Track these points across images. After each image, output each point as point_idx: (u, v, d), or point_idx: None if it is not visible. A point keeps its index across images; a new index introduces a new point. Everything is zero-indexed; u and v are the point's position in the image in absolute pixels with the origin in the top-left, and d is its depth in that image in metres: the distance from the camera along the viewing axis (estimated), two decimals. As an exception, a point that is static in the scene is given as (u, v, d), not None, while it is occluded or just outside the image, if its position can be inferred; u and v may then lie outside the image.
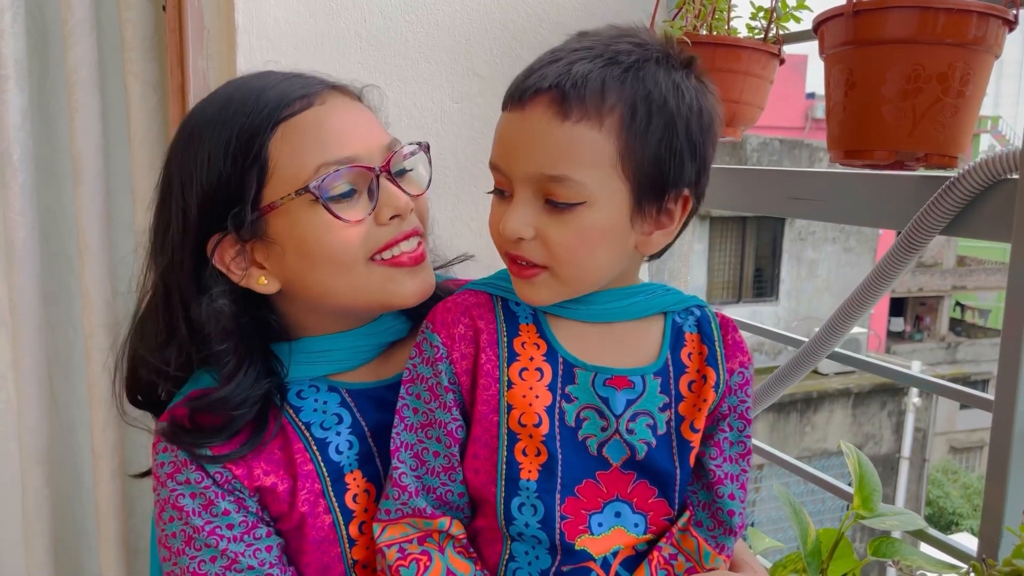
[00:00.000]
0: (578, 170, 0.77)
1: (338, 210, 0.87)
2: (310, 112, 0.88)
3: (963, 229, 1.02)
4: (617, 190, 0.79)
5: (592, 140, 0.77)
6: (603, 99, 0.77)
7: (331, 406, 0.94)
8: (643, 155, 0.78)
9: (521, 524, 0.84)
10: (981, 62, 0.97)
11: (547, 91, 0.78)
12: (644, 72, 0.78)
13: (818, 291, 11.08)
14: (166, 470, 0.89)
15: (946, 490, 12.42)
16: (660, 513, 0.86)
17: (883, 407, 10.22)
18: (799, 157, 9.78)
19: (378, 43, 1.38)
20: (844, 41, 1.03)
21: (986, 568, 0.84)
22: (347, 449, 0.93)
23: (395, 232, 0.91)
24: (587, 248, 0.80)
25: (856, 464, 1.11)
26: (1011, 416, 0.96)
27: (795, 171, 1.32)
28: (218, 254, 0.89)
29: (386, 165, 0.91)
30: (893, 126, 0.98)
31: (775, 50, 1.31)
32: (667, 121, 0.78)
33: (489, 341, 0.86)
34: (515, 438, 0.84)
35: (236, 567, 0.87)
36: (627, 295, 0.88)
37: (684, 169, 0.80)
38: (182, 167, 0.89)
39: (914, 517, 1.10)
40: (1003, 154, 0.95)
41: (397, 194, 0.90)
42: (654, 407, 0.85)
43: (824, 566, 1.10)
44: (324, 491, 0.91)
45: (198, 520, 0.87)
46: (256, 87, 0.90)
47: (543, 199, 0.79)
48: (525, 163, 0.79)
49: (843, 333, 1.23)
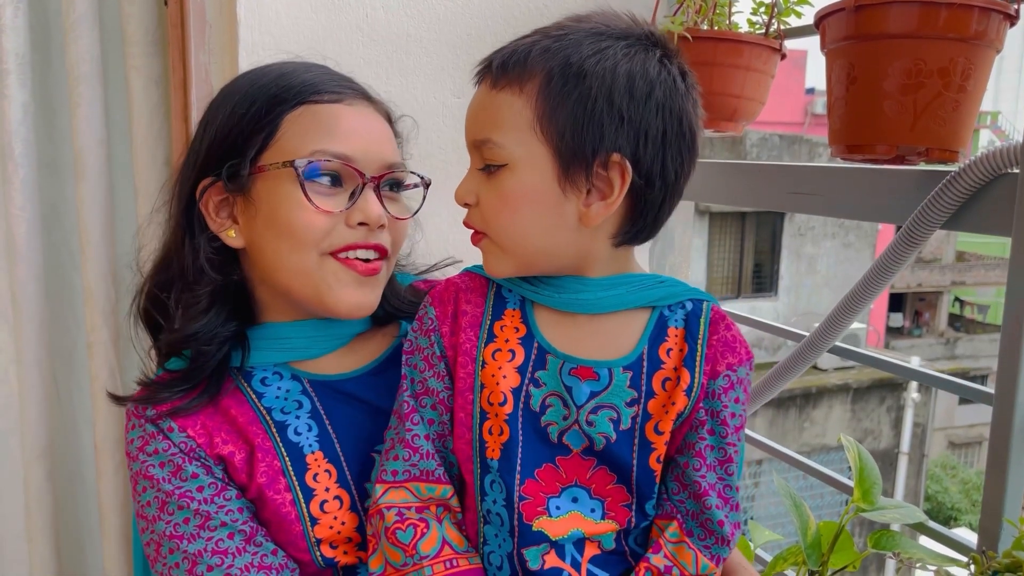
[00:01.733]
0: (498, 133, 0.82)
1: (314, 193, 0.91)
2: (334, 106, 0.94)
3: (964, 223, 1.03)
4: (539, 153, 0.81)
5: (510, 104, 0.81)
6: (526, 67, 0.81)
7: (292, 394, 0.98)
8: (559, 118, 0.80)
9: (490, 501, 0.86)
10: (982, 57, 0.97)
11: (486, 69, 0.85)
12: (567, 41, 0.81)
13: (817, 287, 11.08)
14: (136, 445, 0.94)
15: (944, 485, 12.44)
16: (619, 499, 0.86)
17: (882, 402, 10.22)
18: (799, 153, 9.77)
19: (380, 37, 1.38)
20: (846, 36, 1.03)
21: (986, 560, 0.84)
22: (306, 431, 0.96)
23: (357, 238, 0.93)
24: (509, 210, 0.83)
25: (856, 457, 1.11)
26: (1011, 409, 0.96)
27: (796, 166, 1.32)
28: (205, 197, 0.95)
29: (378, 177, 0.94)
30: (894, 121, 0.98)
31: (776, 45, 1.31)
32: (583, 84, 0.79)
33: (471, 323, 0.89)
34: (485, 416, 0.86)
35: (210, 524, 0.90)
36: (606, 286, 0.87)
37: (605, 133, 0.79)
38: (212, 110, 0.97)
39: (914, 510, 1.11)
40: (1004, 148, 0.96)
41: (374, 205, 0.93)
42: (620, 401, 0.84)
43: (824, 559, 1.10)
44: (284, 469, 0.94)
45: (168, 486, 0.91)
46: (298, 69, 0.97)
47: (481, 166, 0.84)
48: (468, 132, 0.86)
49: (843, 328, 1.23)
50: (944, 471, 12.96)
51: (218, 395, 0.95)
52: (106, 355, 1.50)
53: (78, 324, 1.57)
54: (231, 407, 0.95)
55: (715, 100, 1.30)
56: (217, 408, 0.95)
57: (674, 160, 0.82)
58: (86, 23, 1.40)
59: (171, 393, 0.94)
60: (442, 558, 0.85)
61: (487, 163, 0.83)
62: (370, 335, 1.05)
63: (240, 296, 1.00)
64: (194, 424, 0.93)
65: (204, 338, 0.95)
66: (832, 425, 9.85)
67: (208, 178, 0.94)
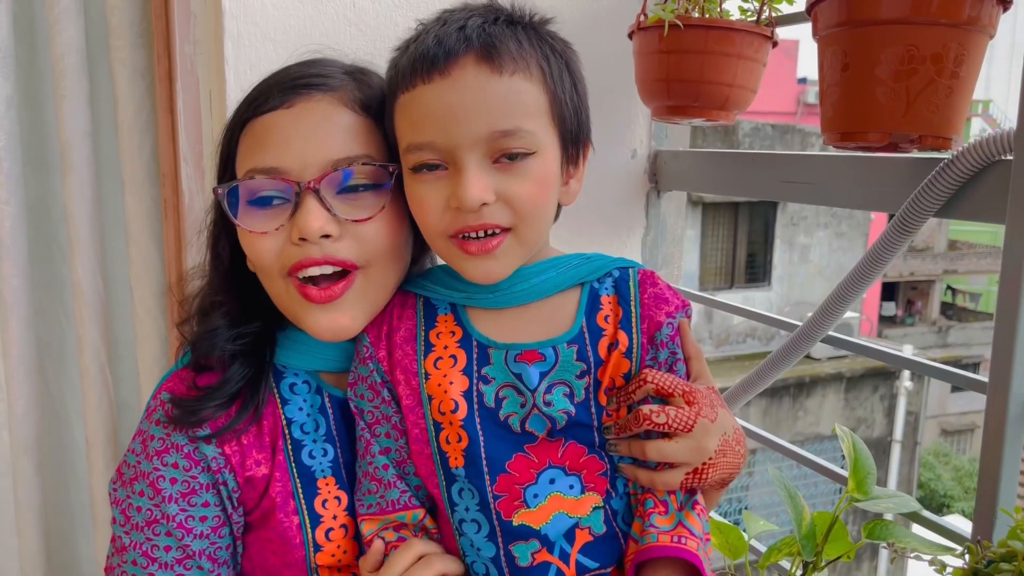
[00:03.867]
0: (527, 119, 0.79)
1: (249, 218, 0.87)
2: (272, 115, 0.87)
3: (957, 211, 1.02)
4: (552, 138, 0.82)
5: (529, 90, 0.80)
6: (523, 51, 0.80)
7: (314, 410, 0.95)
8: (564, 103, 0.82)
9: (462, 509, 0.85)
10: (975, 42, 0.96)
11: (470, 51, 0.78)
12: (538, 30, 0.84)
13: (810, 276, 11.10)
14: (155, 446, 0.89)
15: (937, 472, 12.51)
16: (594, 468, 0.86)
17: (875, 391, 10.27)
18: (791, 142, 9.78)
19: (367, 28, 1.36)
20: (838, 22, 1.02)
21: (981, 550, 0.84)
22: (321, 455, 0.93)
23: (300, 255, 0.86)
24: (545, 198, 0.82)
25: (851, 447, 1.11)
26: (1005, 397, 0.96)
27: (788, 154, 1.31)
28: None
29: (315, 181, 0.85)
30: (887, 108, 0.98)
31: (768, 32, 1.30)
32: (570, 72, 0.84)
33: (406, 338, 0.88)
34: (439, 427, 0.85)
35: (187, 564, 0.88)
36: (537, 272, 0.87)
37: (586, 116, 0.86)
38: None
39: (908, 499, 1.11)
40: (997, 135, 0.95)
41: (309, 216, 0.84)
42: (571, 375, 0.85)
43: (819, 549, 1.10)
44: (295, 492, 0.91)
45: (173, 507, 0.88)
46: (272, 76, 0.92)
47: (492, 160, 0.79)
48: (471, 126, 0.78)
49: (836, 317, 1.22)
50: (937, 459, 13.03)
51: (260, 410, 0.92)
52: (95, 350, 1.49)
53: (68, 319, 1.56)
54: (266, 414, 0.93)
55: (706, 88, 1.29)
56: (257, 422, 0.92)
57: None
58: (70, 15, 1.38)
59: (209, 407, 0.89)
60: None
61: (513, 152, 0.78)
62: None
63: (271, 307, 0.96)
64: (231, 441, 0.90)
65: (227, 334, 0.92)
66: (826, 414, 9.89)
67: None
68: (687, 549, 0.81)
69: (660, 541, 0.82)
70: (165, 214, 1.47)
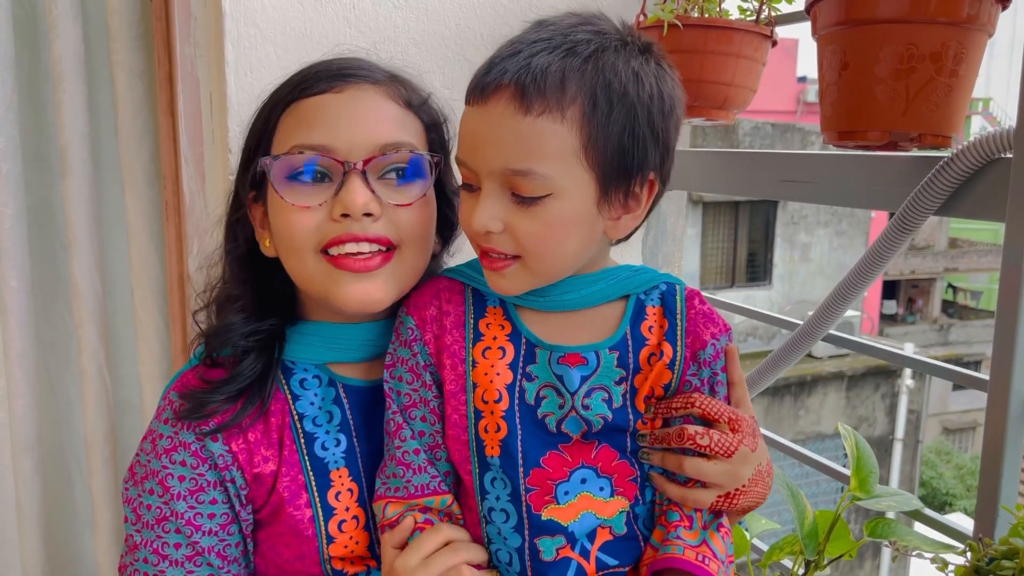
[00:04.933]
0: (542, 163, 0.77)
1: (291, 192, 0.88)
2: (321, 98, 0.90)
3: (957, 209, 1.02)
4: (582, 180, 0.79)
5: (554, 133, 0.77)
6: (563, 91, 0.77)
7: (326, 402, 0.95)
8: (606, 144, 0.79)
9: (492, 498, 0.86)
10: (974, 41, 0.96)
11: (507, 85, 0.78)
12: (603, 61, 0.79)
13: (811, 275, 11.10)
14: (163, 444, 0.90)
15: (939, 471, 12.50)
16: (625, 474, 0.87)
17: (876, 389, 10.26)
18: (791, 141, 9.77)
19: (367, 29, 1.36)
20: (837, 21, 1.02)
21: (982, 547, 0.84)
22: (334, 446, 0.94)
23: (341, 231, 0.88)
24: (556, 239, 0.81)
25: (854, 446, 1.11)
26: (1006, 395, 0.96)
27: (788, 153, 1.31)
28: (251, 209, 0.95)
29: (364, 162, 0.88)
30: (886, 106, 0.98)
31: (767, 32, 1.30)
32: (628, 109, 0.79)
33: (455, 323, 0.89)
34: (480, 415, 0.86)
35: (197, 560, 0.89)
36: (588, 283, 0.88)
37: (648, 155, 0.81)
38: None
39: (910, 498, 1.11)
40: (997, 133, 0.95)
41: (354, 194, 0.87)
42: (610, 381, 0.86)
43: (821, 547, 1.10)
44: (307, 484, 0.92)
45: (181, 505, 0.89)
46: (314, 65, 0.94)
47: (509, 192, 0.80)
48: (489, 158, 0.79)
49: (837, 316, 1.23)
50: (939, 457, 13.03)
51: (267, 404, 0.92)
52: (94, 351, 1.49)
53: (68, 319, 1.56)
54: (274, 411, 0.93)
55: (706, 88, 1.29)
56: (263, 418, 0.93)
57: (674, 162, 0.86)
58: (68, 18, 1.39)
59: (216, 400, 0.90)
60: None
61: (521, 193, 0.79)
62: None
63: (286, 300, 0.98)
64: (238, 438, 0.90)
65: (242, 330, 0.93)
66: (827, 413, 9.89)
67: (253, 191, 0.94)
68: (708, 571, 0.82)
69: (685, 555, 0.83)
70: (166, 215, 1.47)
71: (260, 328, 0.94)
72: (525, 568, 0.85)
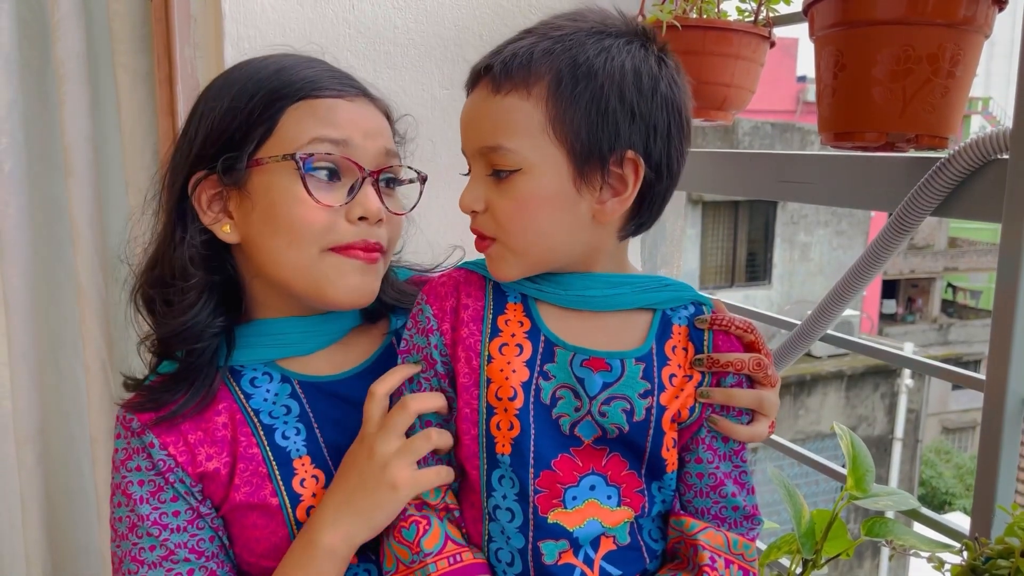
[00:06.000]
0: (510, 139, 0.80)
1: (314, 186, 0.90)
2: (334, 101, 0.92)
3: (954, 210, 1.03)
4: (553, 156, 0.81)
5: (520, 109, 0.80)
6: (530, 70, 0.80)
7: (281, 397, 0.96)
8: (573, 119, 0.80)
9: (499, 496, 0.85)
10: (971, 42, 0.97)
11: (485, 73, 0.83)
12: (572, 40, 0.81)
13: (811, 274, 11.10)
14: (119, 456, 0.93)
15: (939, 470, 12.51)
16: (632, 485, 0.87)
17: (876, 389, 10.27)
18: (791, 140, 9.78)
19: (367, 29, 1.37)
20: (834, 22, 1.03)
21: (979, 546, 0.84)
22: (294, 435, 0.95)
23: (356, 236, 0.91)
24: (528, 216, 0.82)
25: (849, 445, 1.12)
26: (1002, 395, 0.96)
27: (786, 154, 1.32)
28: (198, 191, 0.93)
29: (377, 171, 0.93)
30: (883, 107, 0.98)
31: (765, 33, 1.31)
32: (594, 83, 0.80)
33: (473, 317, 0.88)
34: (492, 412, 0.85)
35: (173, 558, 0.90)
36: (610, 284, 0.87)
37: (620, 131, 0.80)
38: (206, 102, 0.94)
39: (907, 497, 1.11)
40: (993, 134, 0.96)
41: (374, 199, 0.92)
42: (633, 393, 0.85)
43: (818, 547, 1.10)
44: (271, 474, 0.93)
45: (145, 508, 0.90)
46: (300, 64, 0.95)
47: (489, 173, 0.83)
48: (470, 140, 0.84)
49: (836, 315, 1.23)
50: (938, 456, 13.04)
51: (208, 400, 0.93)
52: (97, 349, 1.50)
53: (72, 317, 1.57)
54: (219, 411, 0.94)
55: (704, 89, 1.30)
56: (202, 417, 0.93)
57: (676, 151, 0.85)
58: (70, 21, 1.40)
59: (166, 396, 0.92)
60: (445, 554, 0.85)
61: (497, 168, 0.82)
62: (364, 331, 1.03)
63: (229, 292, 0.98)
64: (176, 441, 0.91)
65: (193, 333, 0.93)
66: (827, 412, 9.90)
67: (201, 171, 0.92)
68: None
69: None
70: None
71: (211, 329, 0.94)
72: (527, 569, 0.85)
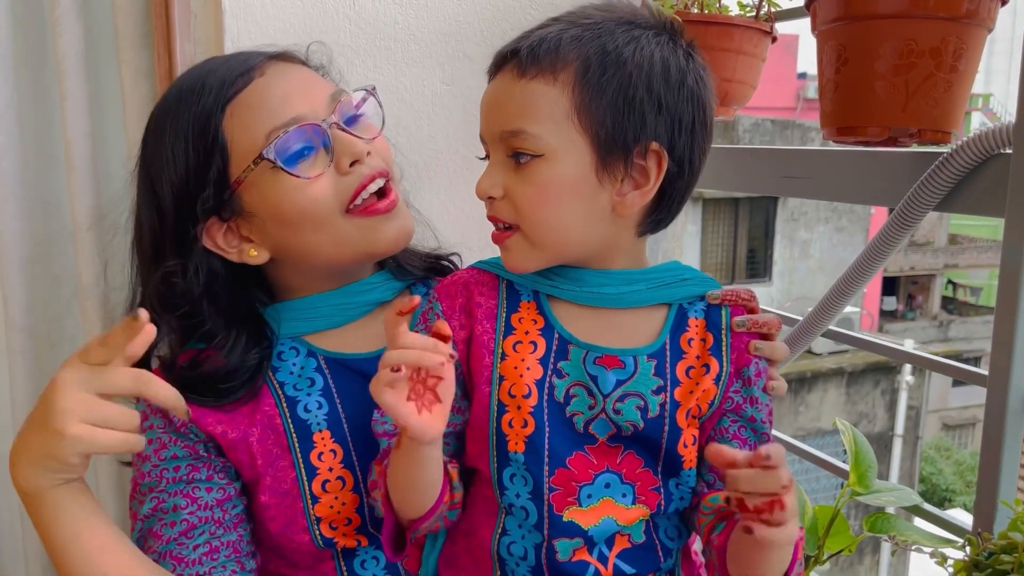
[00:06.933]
0: (533, 123, 0.80)
1: (297, 170, 0.90)
2: (252, 86, 0.92)
3: (957, 205, 1.02)
4: (576, 143, 0.80)
5: (545, 94, 0.79)
6: (558, 55, 0.79)
7: (307, 370, 0.98)
8: (599, 107, 0.79)
9: (512, 495, 0.85)
10: (974, 36, 0.97)
11: (512, 57, 0.82)
12: (601, 29, 0.80)
13: (811, 271, 11.09)
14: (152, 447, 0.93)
15: (939, 467, 12.51)
16: (648, 483, 0.86)
17: (876, 385, 10.26)
18: (791, 137, 9.76)
19: (367, 25, 1.37)
20: (836, 17, 1.02)
21: (982, 542, 0.84)
22: (316, 409, 0.96)
23: (359, 178, 0.93)
24: (548, 203, 0.81)
25: (852, 441, 1.12)
26: (1005, 391, 0.96)
27: (788, 149, 1.32)
28: (208, 238, 0.94)
29: (333, 115, 0.93)
30: (886, 102, 0.98)
31: (767, 28, 1.30)
32: (623, 72, 0.79)
33: (487, 315, 0.88)
34: (503, 409, 0.85)
35: (162, 507, 0.90)
36: (626, 280, 0.87)
37: (646, 121, 0.80)
38: (150, 168, 0.93)
39: (909, 493, 1.11)
40: (996, 128, 0.95)
41: (351, 141, 0.92)
42: (646, 389, 0.85)
43: (820, 542, 1.10)
44: (290, 446, 0.94)
45: (147, 465, 0.92)
46: (200, 74, 0.94)
47: (510, 158, 0.82)
48: (492, 124, 0.83)
49: (837, 312, 1.23)
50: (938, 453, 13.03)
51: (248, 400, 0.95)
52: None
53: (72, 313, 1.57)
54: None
55: (706, 84, 1.29)
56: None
57: (699, 147, 0.84)
58: (69, 18, 1.39)
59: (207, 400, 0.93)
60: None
61: (519, 151, 0.81)
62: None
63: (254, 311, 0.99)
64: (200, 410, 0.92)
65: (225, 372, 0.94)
66: (827, 409, 9.89)
67: (198, 222, 0.92)
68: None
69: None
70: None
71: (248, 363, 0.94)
72: (540, 565, 0.85)
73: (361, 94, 0.99)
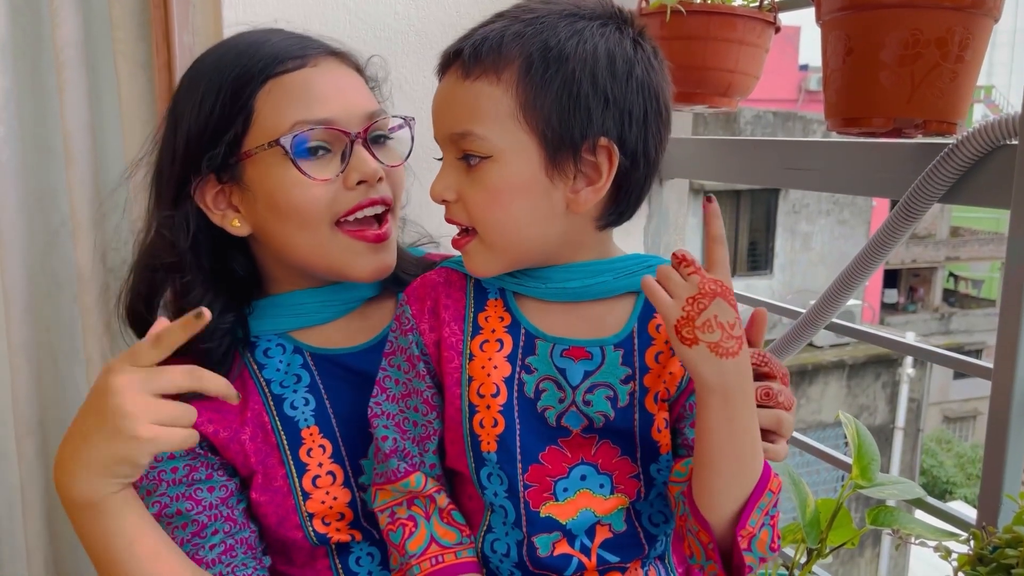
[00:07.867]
0: (479, 124, 0.78)
1: (307, 167, 0.90)
2: (300, 72, 0.92)
3: (962, 196, 1.02)
4: (523, 143, 0.79)
5: (489, 94, 0.78)
6: (500, 54, 0.78)
7: (293, 367, 0.98)
8: (544, 105, 0.78)
9: (491, 494, 0.85)
10: (980, 26, 0.96)
11: (456, 57, 0.81)
12: (544, 24, 0.79)
13: (812, 264, 11.08)
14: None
15: (940, 459, 12.53)
16: (625, 471, 0.85)
17: (877, 378, 10.27)
18: (793, 129, 9.74)
19: (367, 16, 1.36)
20: (841, 6, 1.01)
21: (986, 535, 0.84)
22: (303, 405, 0.96)
23: (360, 197, 0.92)
24: (500, 205, 0.80)
25: (855, 434, 1.11)
26: (1010, 383, 0.96)
27: (790, 141, 1.31)
28: (199, 193, 0.94)
29: (364, 132, 0.93)
30: (891, 92, 0.97)
31: (770, 18, 1.30)
32: (566, 68, 0.77)
33: (454, 316, 0.87)
34: (474, 410, 0.84)
35: (166, 512, 0.91)
36: (590, 273, 0.86)
37: (592, 117, 0.78)
38: (178, 109, 0.95)
39: (912, 486, 1.11)
40: (1002, 119, 0.94)
41: (367, 160, 0.92)
42: (615, 379, 0.84)
43: (823, 536, 1.10)
44: (279, 444, 0.94)
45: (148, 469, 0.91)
46: (257, 40, 0.94)
47: (461, 160, 0.81)
48: (441, 126, 0.82)
49: (840, 305, 1.22)
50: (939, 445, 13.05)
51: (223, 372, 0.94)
52: (97, 340, 1.50)
53: (72, 308, 1.57)
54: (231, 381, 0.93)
55: (709, 75, 1.28)
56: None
57: (654, 138, 0.82)
58: (68, 8, 1.39)
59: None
60: (428, 555, 0.85)
61: (468, 153, 0.80)
62: (379, 303, 1.04)
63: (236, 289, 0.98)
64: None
65: (204, 335, 0.91)
66: (828, 402, 9.90)
67: (199, 175, 0.93)
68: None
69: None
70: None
71: (221, 327, 0.94)
72: (523, 561, 0.85)
73: (398, 120, 1.00)
